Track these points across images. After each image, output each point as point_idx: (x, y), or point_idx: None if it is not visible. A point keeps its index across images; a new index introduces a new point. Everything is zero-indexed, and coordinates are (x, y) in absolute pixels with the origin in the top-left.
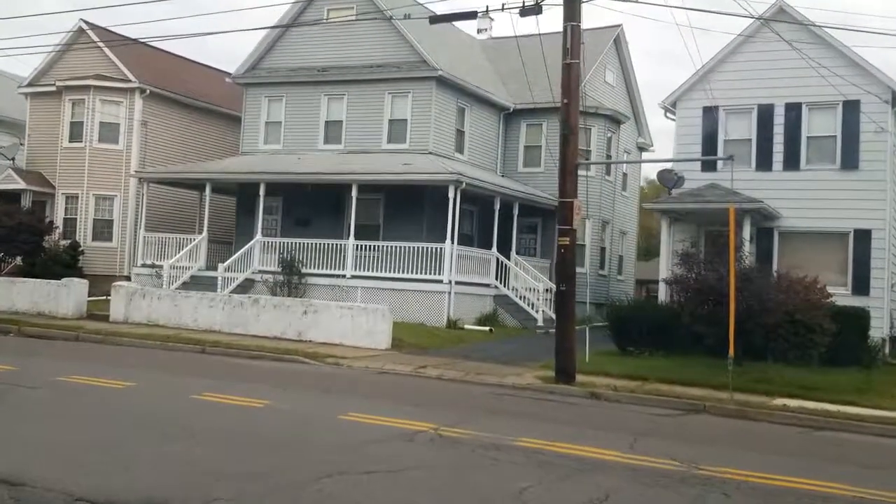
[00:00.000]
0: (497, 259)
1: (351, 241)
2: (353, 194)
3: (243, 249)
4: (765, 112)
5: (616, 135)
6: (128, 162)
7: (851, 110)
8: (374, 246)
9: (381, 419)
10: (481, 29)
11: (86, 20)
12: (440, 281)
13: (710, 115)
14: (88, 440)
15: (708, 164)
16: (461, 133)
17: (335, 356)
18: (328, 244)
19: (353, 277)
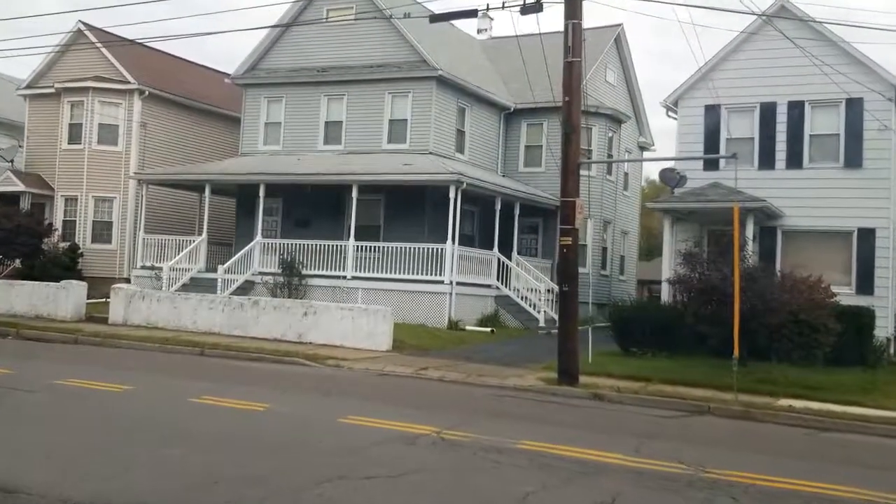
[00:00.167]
0: (498, 259)
1: (351, 242)
2: (354, 195)
3: (243, 251)
4: (767, 110)
5: (617, 134)
6: (127, 163)
7: (854, 108)
8: (374, 247)
9: (382, 422)
10: (481, 29)
11: (84, 21)
12: (441, 282)
13: (712, 113)
14: (86, 445)
15: (710, 163)
16: (462, 133)
17: (335, 358)
18: (328, 245)
19: (353, 279)
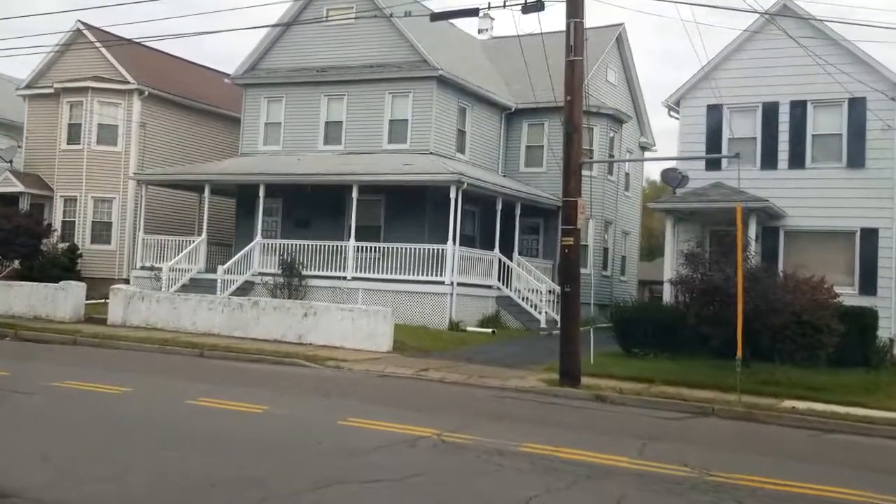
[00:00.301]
0: (499, 260)
1: (351, 243)
2: (354, 195)
3: (243, 251)
4: (769, 110)
5: (618, 134)
6: (126, 164)
7: (857, 108)
8: (374, 247)
9: (383, 424)
10: (482, 29)
11: (83, 21)
12: (442, 282)
13: (714, 113)
14: (83, 447)
15: (712, 163)
16: (462, 133)
17: (336, 359)
18: (329, 246)
19: (353, 279)
